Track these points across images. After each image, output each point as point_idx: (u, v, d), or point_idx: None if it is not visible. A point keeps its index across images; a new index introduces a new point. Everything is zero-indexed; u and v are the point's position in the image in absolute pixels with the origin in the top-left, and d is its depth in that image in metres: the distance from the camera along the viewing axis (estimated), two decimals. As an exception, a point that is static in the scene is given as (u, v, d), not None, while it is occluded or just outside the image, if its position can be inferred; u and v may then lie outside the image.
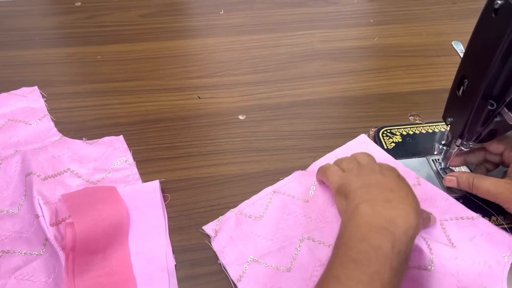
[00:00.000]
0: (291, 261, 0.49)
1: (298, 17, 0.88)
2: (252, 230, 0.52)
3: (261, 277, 0.48)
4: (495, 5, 0.41)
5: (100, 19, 0.87)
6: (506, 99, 0.44)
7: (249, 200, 0.55)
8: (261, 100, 0.70)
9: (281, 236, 0.51)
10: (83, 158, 0.60)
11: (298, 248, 0.50)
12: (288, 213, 0.53)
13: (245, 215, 0.54)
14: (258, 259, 0.49)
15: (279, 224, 0.53)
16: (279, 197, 0.55)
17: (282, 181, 0.57)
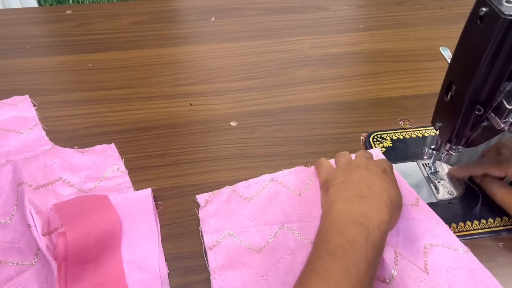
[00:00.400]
0: (264, 244, 0.52)
1: (289, 23, 0.88)
2: (239, 208, 0.55)
3: (231, 251, 0.51)
4: (480, 12, 0.42)
5: (91, 27, 0.87)
6: (493, 104, 0.45)
7: (246, 182, 0.58)
8: (252, 107, 0.70)
9: (263, 220, 0.54)
10: (75, 167, 0.60)
11: (275, 234, 0.53)
12: (278, 201, 0.56)
13: (238, 194, 0.57)
14: (234, 235, 0.53)
15: (266, 209, 0.55)
16: (275, 185, 0.58)
17: (282, 172, 0.59)
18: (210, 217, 0.54)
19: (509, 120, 0.45)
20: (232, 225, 0.53)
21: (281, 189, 0.57)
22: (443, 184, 0.58)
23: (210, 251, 0.51)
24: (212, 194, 0.56)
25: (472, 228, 0.54)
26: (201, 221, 0.54)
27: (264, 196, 0.57)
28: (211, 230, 0.53)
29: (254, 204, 0.56)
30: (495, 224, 0.54)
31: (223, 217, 0.54)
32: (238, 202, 0.56)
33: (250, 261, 0.50)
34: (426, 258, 0.49)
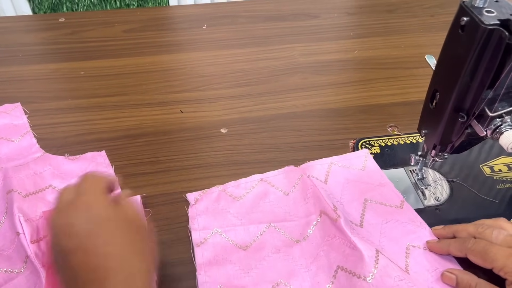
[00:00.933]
0: (251, 242, 0.53)
1: (280, 31, 0.89)
2: (228, 207, 0.57)
3: (218, 248, 0.52)
4: (461, 21, 0.43)
5: (83, 34, 0.88)
6: (475, 111, 0.46)
7: (236, 182, 0.59)
8: (243, 114, 0.71)
9: (251, 219, 0.56)
10: (65, 174, 0.61)
11: (261, 233, 0.54)
12: (266, 201, 0.57)
13: (227, 193, 0.58)
14: (222, 232, 0.54)
15: (254, 208, 0.57)
16: (264, 185, 0.59)
17: (272, 172, 0.61)
18: (199, 215, 0.56)
19: (491, 127, 0.45)
20: (220, 223, 0.55)
21: (269, 189, 0.59)
22: (431, 190, 0.59)
23: (197, 247, 0.52)
24: (202, 192, 0.58)
25: (458, 233, 0.54)
26: (190, 219, 0.55)
27: (253, 195, 0.58)
28: (199, 228, 0.54)
29: (243, 203, 0.57)
30: (481, 229, 0.54)
31: (211, 215, 0.56)
32: (227, 201, 0.57)
33: (236, 258, 0.52)
34: (408, 259, 0.50)
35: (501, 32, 0.40)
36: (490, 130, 0.46)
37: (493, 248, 0.46)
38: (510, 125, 0.45)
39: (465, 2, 0.43)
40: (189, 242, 0.53)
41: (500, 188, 0.59)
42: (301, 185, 0.58)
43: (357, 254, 0.48)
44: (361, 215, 0.55)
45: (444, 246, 0.50)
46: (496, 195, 0.58)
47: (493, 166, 0.62)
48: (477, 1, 0.42)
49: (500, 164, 0.62)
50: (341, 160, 0.62)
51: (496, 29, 0.40)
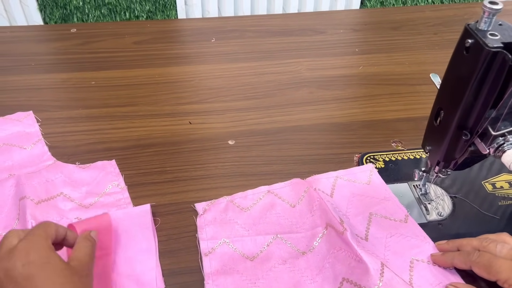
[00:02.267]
0: (258, 253, 0.55)
1: (287, 45, 0.91)
2: (235, 218, 0.58)
3: (225, 258, 0.54)
4: (466, 43, 0.44)
5: (94, 45, 0.90)
6: (478, 130, 0.47)
7: (244, 193, 0.61)
8: (250, 126, 0.72)
9: (258, 230, 0.57)
10: (76, 182, 0.62)
11: (268, 244, 0.55)
12: (273, 212, 0.59)
13: (235, 204, 0.59)
14: (230, 243, 0.55)
15: (261, 219, 0.58)
16: (271, 197, 0.60)
17: (279, 184, 0.62)
18: (207, 225, 0.57)
19: (494, 146, 0.47)
20: (228, 234, 0.56)
21: (276, 200, 0.60)
22: (433, 205, 0.60)
23: (205, 257, 0.53)
24: (211, 203, 0.59)
25: (460, 248, 0.55)
26: (198, 228, 0.56)
27: (260, 207, 0.59)
28: (207, 238, 0.55)
29: (250, 214, 0.58)
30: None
31: (219, 226, 0.57)
32: (235, 212, 0.58)
33: (243, 268, 0.53)
34: (412, 273, 0.51)
35: (505, 54, 0.41)
36: (493, 149, 0.47)
37: (498, 261, 0.47)
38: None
39: (470, 24, 0.45)
40: (197, 252, 0.54)
41: (501, 205, 0.60)
42: (307, 198, 0.59)
43: (363, 266, 0.49)
44: (366, 228, 0.56)
45: (449, 259, 0.51)
46: (497, 211, 0.60)
47: (495, 183, 0.63)
48: (481, 24, 0.43)
49: (502, 181, 0.64)
50: (346, 174, 0.63)
51: (499, 52, 0.42)
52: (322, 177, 0.62)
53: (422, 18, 1.01)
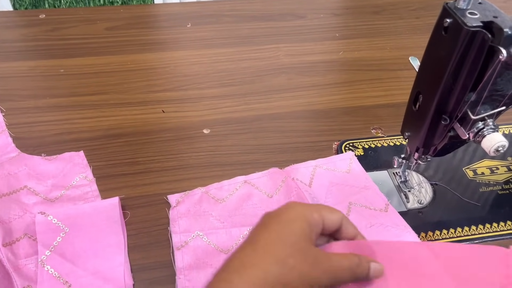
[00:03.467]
0: (232, 245, 0.52)
1: (265, 31, 0.88)
2: (210, 209, 0.56)
3: (198, 252, 0.51)
4: (444, 23, 0.42)
5: (64, 31, 0.86)
6: (458, 114, 0.45)
7: (219, 183, 0.58)
8: (226, 114, 0.70)
9: (233, 222, 0.54)
10: (41, 175, 0.59)
11: (244, 236, 0.53)
12: (249, 203, 0.56)
13: (210, 195, 0.57)
14: (203, 236, 0.53)
15: (236, 210, 0.56)
16: (248, 187, 0.58)
17: (256, 174, 0.60)
18: (180, 217, 0.54)
19: (474, 131, 0.45)
20: (202, 226, 0.54)
21: (253, 191, 0.58)
22: (413, 193, 0.58)
23: (177, 251, 0.51)
24: (184, 194, 0.57)
25: (440, 237, 0.54)
26: (171, 221, 0.54)
27: (236, 198, 0.57)
28: (180, 231, 0.53)
29: (226, 206, 0.56)
30: (464, 233, 0.54)
31: (193, 218, 0.54)
32: (210, 203, 0.56)
33: (217, 262, 0.50)
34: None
35: (484, 34, 0.39)
36: (473, 133, 0.45)
37: None
38: (493, 128, 0.45)
39: (448, 3, 0.42)
40: (169, 246, 0.52)
41: (482, 191, 0.59)
42: (285, 188, 0.57)
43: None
44: None
45: None
46: (478, 198, 0.58)
47: (476, 169, 0.62)
48: (460, 3, 0.41)
49: (483, 167, 0.62)
50: (326, 163, 0.61)
51: (479, 31, 0.40)
52: (301, 167, 0.60)
53: (404, 2, 0.99)
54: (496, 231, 0.55)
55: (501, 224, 0.55)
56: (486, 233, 0.54)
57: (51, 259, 0.49)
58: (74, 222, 0.52)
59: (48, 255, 0.49)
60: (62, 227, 0.52)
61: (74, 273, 0.49)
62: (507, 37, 0.39)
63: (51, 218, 0.52)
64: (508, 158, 0.63)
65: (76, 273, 0.49)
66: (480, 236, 0.54)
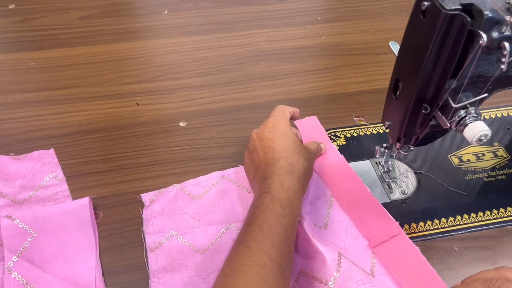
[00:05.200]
0: (209, 245, 0.50)
1: (245, 16, 0.85)
2: (185, 207, 0.53)
3: (173, 253, 0.49)
4: (422, 6, 0.39)
5: (35, 22, 0.82)
6: (439, 102, 0.43)
7: (195, 180, 0.56)
8: (204, 105, 0.67)
9: (210, 219, 0.52)
10: (9, 175, 0.56)
11: (221, 234, 0.51)
12: (227, 199, 0.54)
13: (186, 192, 0.55)
14: (178, 235, 0.51)
15: (213, 207, 0.53)
16: (225, 183, 0.56)
17: (234, 168, 0.57)
18: (154, 217, 0.52)
19: (455, 119, 0.43)
20: (177, 226, 0.51)
21: (231, 186, 0.55)
22: (397, 183, 0.56)
23: (151, 253, 0.49)
24: (159, 192, 0.54)
25: (425, 229, 0.52)
26: (144, 222, 0.52)
27: (213, 194, 0.55)
28: (154, 231, 0.51)
29: (202, 203, 0.54)
30: (448, 224, 0.52)
31: (167, 217, 0.52)
32: (185, 201, 0.54)
33: (192, 263, 0.48)
34: (375, 260, 0.47)
35: (463, 17, 0.37)
36: (455, 122, 0.43)
37: None
38: (475, 116, 0.42)
39: (426, -16, 0.40)
40: (142, 247, 0.50)
41: (468, 179, 0.57)
42: None
43: (320, 257, 0.45)
44: (326, 213, 0.52)
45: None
46: (464, 186, 0.56)
47: (462, 156, 0.60)
48: (438, -16, 0.38)
49: (469, 153, 0.60)
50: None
51: (457, 14, 0.37)
52: None
53: (389, -18, 0.95)
54: (481, 221, 0.53)
55: (486, 213, 0.53)
56: (472, 223, 0.53)
57: (18, 265, 0.47)
58: (43, 225, 0.50)
59: (15, 261, 0.47)
60: (29, 231, 0.49)
61: (42, 279, 0.47)
62: (488, 20, 0.36)
63: (18, 222, 0.49)
64: (494, 144, 0.61)
65: (45, 279, 0.47)
66: (465, 227, 0.52)
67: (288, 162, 0.48)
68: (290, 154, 0.49)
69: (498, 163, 0.59)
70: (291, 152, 0.49)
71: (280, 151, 0.49)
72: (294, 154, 0.49)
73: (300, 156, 0.49)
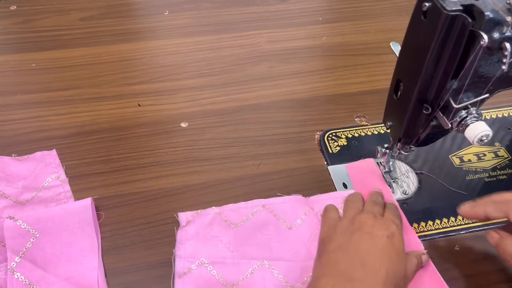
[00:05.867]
0: (239, 280, 0.47)
1: (246, 16, 0.85)
2: (220, 235, 0.50)
3: (201, 283, 0.47)
4: (423, 7, 0.40)
5: (36, 23, 0.82)
6: (440, 103, 0.43)
7: (235, 205, 0.53)
8: (205, 106, 0.67)
9: (244, 252, 0.49)
10: (12, 176, 0.56)
11: (252, 270, 0.48)
12: (264, 233, 0.51)
13: (223, 217, 0.52)
14: (208, 265, 0.48)
15: (249, 239, 0.50)
16: (265, 213, 0.52)
17: (277, 199, 0.54)
18: (188, 240, 0.50)
19: (457, 120, 0.43)
20: (209, 253, 0.49)
21: (270, 218, 0.52)
22: (398, 183, 0.56)
23: (178, 278, 0.47)
24: (196, 214, 0.52)
25: (426, 229, 0.52)
26: (177, 243, 0.49)
27: (251, 224, 0.51)
28: (185, 255, 0.48)
29: (238, 232, 0.51)
30: (450, 224, 0.53)
31: (201, 242, 0.50)
32: (221, 227, 0.51)
33: None
34: None
35: (464, 18, 0.37)
36: (456, 123, 0.43)
37: None
38: (476, 117, 0.42)
39: (427, -15, 0.40)
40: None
41: (469, 179, 0.57)
42: (307, 221, 0.51)
43: None
44: None
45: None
46: (465, 186, 0.56)
47: (463, 156, 0.60)
48: (439, -15, 0.39)
49: (470, 153, 0.60)
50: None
51: (458, 15, 0.37)
52: (328, 198, 0.53)
53: (389, -18, 0.95)
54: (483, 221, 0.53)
55: (488, 213, 0.53)
56: (473, 223, 0.53)
57: (21, 266, 0.47)
58: (45, 226, 0.50)
59: (17, 262, 0.47)
60: (32, 231, 0.49)
61: (45, 279, 0.47)
62: (489, 21, 0.37)
63: (21, 223, 0.50)
64: (495, 144, 0.61)
65: (48, 279, 0.47)
66: (466, 227, 0.52)
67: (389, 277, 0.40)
68: (391, 280, 0.40)
69: (499, 163, 0.59)
70: (392, 279, 0.41)
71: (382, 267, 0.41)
72: (394, 285, 0.40)
73: None
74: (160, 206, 0.54)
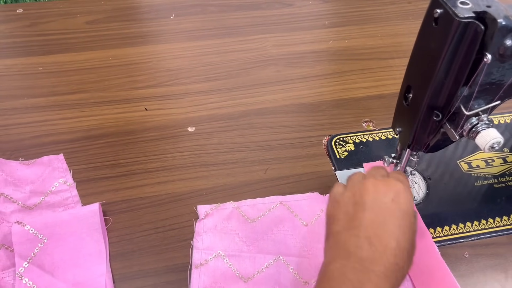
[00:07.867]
0: (254, 274, 0.48)
1: (252, 20, 0.85)
2: (237, 229, 0.52)
3: (217, 274, 0.48)
4: (434, 14, 0.39)
5: (43, 27, 0.83)
6: (450, 110, 0.43)
7: (253, 200, 0.54)
8: (212, 110, 0.67)
9: (260, 246, 0.50)
10: (19, 180, 0.56)
11: (268, 265, 0.49)
12: (281, 228, 0.52)
13: (241, 212, 0.53)
14: (225, 257, 0.49)
15: (266, 234, 0.51)
16: (283, 210, 0.53)
17: (294, 196, 0.55)
18: (206, 232, 0.51)
19: (467, 127, 0.43)
20: (226, 246, 0.50)
21: (287, 215, 0.53)
22: (406, 189, 0.56)
23: (195, 269, 0.48)
24: (215, 207, 0.53)
25: (435, 235, 0.52)
26: (195, 235, 0.51)
27: (268, 219, 0.52)
28: (202, 247, 0.50)
29: (255, 227, 0.52)
30: (458, 230, 0.52)
31: (218, 235, 0.51)
32: (239, 222, 0.52)
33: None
34: None
35: (477, 25, 0.37)
36: (467, 130, 0.43)
37: None
38: (487, 124, 0.42)
39: (439, -8, 0.40)
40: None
41: (478, 185, 0.57)
42: (323, 218, 0.50)
43: None
44: None
45: None
46: (474, 193, 0.56)
47: (471, 161, 0.60)
48: (451, -8, 0.38)
49: (478, 159, 0.60)
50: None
51: (471, 22, 0.37)
52: None
53: (395, -14, 0.95)
54: (492, 227, 0.53)
55: (497, 220, 0.53)
56: (482, 229, 0.53)
57: (29, 271, 0.47)
58: (53, 231, 0.50)
59: (25, 267, 0.47)
60: (40, 237, 0.49)
61: (53, 285, 0.47)
62: (501, 28, 0.36)
63: (28, 228, 0.50)
64: (504, 150, 0.61)
65: (56, 285, 0.47)
66: (475, 233, 0.52)
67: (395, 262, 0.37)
68: (402, 250, 0.38)
69: (507, 169, 0.59)
70: (403, 248, 0.38)
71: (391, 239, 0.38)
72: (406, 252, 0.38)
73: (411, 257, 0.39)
74: (168, 211, 0.54)
